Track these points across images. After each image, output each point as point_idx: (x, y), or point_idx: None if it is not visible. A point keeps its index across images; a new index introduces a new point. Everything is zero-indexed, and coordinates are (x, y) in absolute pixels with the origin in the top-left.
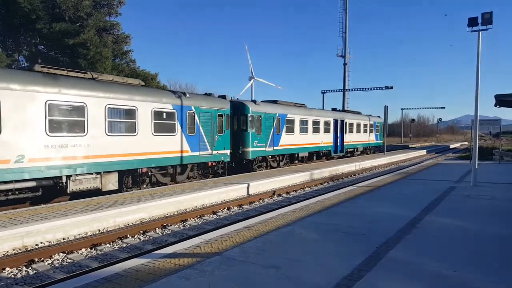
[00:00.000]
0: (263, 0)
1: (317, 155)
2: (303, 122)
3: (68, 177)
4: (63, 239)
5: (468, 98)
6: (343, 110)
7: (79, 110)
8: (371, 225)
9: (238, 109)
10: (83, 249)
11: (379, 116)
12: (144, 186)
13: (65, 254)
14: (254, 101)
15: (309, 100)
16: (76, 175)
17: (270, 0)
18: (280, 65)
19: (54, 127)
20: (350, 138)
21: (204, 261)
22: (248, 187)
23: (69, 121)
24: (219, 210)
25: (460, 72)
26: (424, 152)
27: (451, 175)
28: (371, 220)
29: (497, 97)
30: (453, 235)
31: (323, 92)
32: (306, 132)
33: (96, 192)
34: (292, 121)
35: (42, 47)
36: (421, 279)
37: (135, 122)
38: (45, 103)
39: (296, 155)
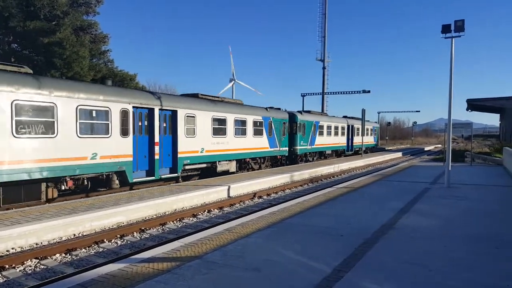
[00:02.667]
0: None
1: (335, 153)
2: (329, 127)
3: (218, 162)
4: (36, 244)
5: (441, 101)
6: (352, 117)
7: (224, 121)
8: (350, 226)
9: (291, 118)
10: (58, 255)
11: (376, 122)
12: (245, 171)
13: (38, 260)
14: (301, 112)
15: (287, 103)
16: (221, 161)
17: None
18: (257, 65)
19: (214, 131)
20: (357, 140)
21: (184, 265)
22: (228, 190)
23: (220, 128)
24: (199, 213)
25: (434, 76)
26: (400, 154)
27: (426, 177)
28: (350, 222)
29: (469, 101)
30: (429, 235)
31: (303, 95)
32: (330, 135)
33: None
34: (322, 127)
35: (16, 45)
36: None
37: (245, 128)
38: (211, 117)
39: (323, 152)
